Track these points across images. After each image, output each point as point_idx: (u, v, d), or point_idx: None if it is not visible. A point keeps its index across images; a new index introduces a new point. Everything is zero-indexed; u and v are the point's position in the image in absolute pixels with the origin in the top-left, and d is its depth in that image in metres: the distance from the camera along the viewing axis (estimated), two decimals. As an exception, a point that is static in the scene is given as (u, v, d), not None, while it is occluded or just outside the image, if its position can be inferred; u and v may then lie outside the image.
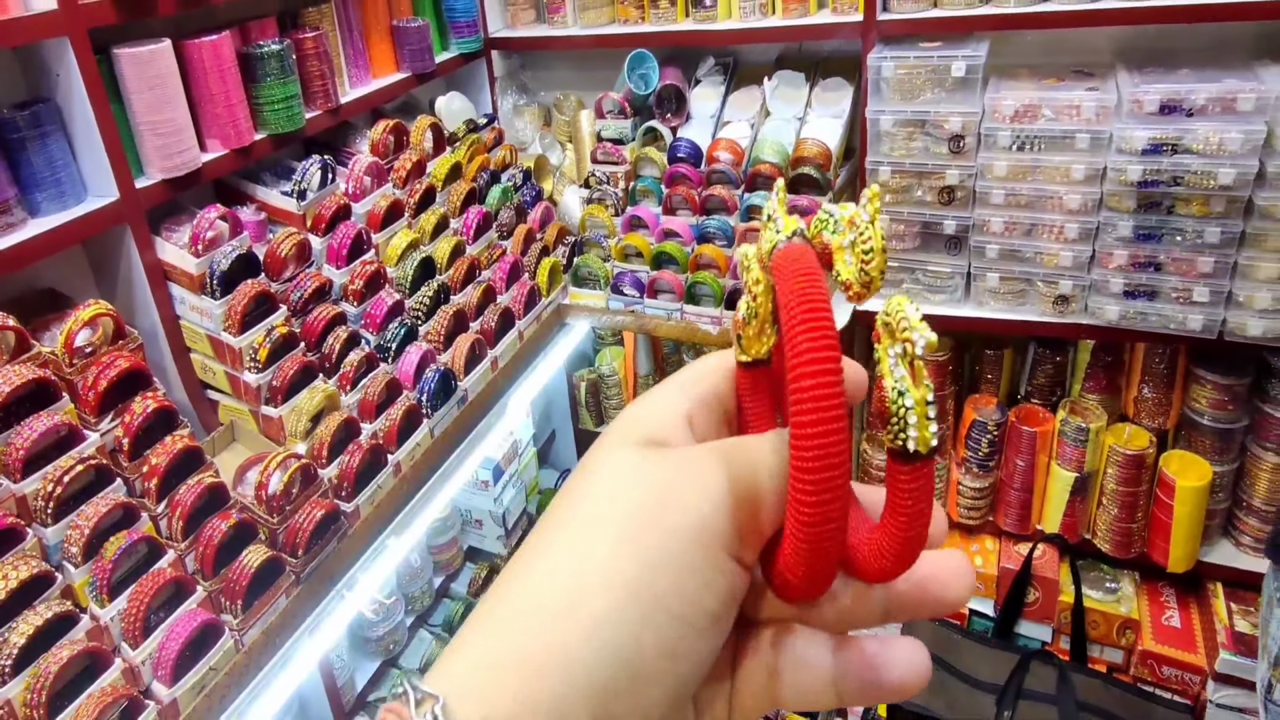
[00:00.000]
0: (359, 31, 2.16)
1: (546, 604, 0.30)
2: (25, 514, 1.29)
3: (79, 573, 1.29)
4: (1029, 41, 2.20)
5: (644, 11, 2.43)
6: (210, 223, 1.65)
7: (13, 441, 1.28)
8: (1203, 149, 1.74)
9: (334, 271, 1.88)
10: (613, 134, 2.53)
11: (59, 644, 1.22)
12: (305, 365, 1.70)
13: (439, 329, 1.97)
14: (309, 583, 1.55)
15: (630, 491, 0.32)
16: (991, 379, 2.36)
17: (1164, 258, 1.87)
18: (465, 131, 2.42)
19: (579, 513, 0.33)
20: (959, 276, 2.13)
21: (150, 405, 1.43)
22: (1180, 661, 2.12)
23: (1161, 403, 2.13)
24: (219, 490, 1.47)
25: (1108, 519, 2.17)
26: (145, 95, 1.58)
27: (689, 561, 0.31)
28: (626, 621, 0.29)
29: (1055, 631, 2.31)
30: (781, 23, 2.24)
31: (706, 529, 0.31)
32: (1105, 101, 1.84)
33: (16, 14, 1.38)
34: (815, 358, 0.28)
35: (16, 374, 1.29)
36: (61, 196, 1.50)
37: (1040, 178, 1.95)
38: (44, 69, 1.49)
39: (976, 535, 2.42)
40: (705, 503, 0.32)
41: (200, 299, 1.64)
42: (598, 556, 0.31)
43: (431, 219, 2.12)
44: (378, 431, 1.76)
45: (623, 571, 0.30)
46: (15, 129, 1.43)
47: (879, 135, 2.09)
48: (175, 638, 1.31)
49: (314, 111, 1.96)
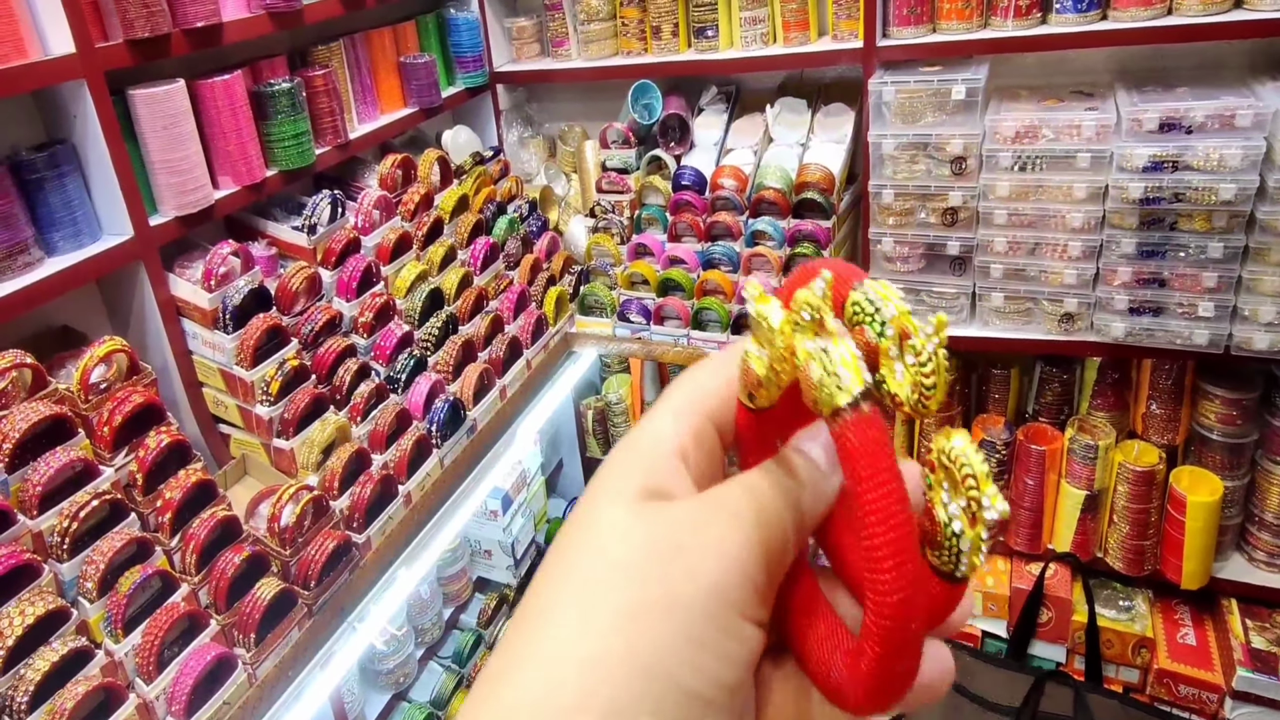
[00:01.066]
0: (367, 68, 2.21)
1: (554, 695, 0.28)
2: (41, 550, 1.30)
3: (94, 608, 1.30)
4: (1028, 63, 2.23)
5: (646, 43, 2.47)
6: (223, 259, 1.67)
7: (29, 478, 1.29)
8: (1203, 165, 1.75)
9: (344, 304, 1.90)
10: (617, 163, 2.56)
11: (74, 680, 1.22)
12: (316, 397, 1.71)
13: (448, 359, 1.99)
14: (321, 615, 1.56)
15: (632, 558, 0.30)
16: (998, 398, 2.36)
17: (1168, 274, 1.88)
18: (472, 164, 2.45)
19: (578, 582, 0.30)
20: (964, 297, 2.14)
21: (164, 440, 1.44)
22: (1197, 680, 2.09)
23: (1170, 419, 2.12)
24: (232, 524, 1.48)
25: (1119, 536, 2.16)
26: (160, 135, 1.61)
27: (703, 635, 0.29)
28: (640, 709, 0.27)
29: (1069, 652, 2.29)
30: (783, 51, 2.28)
31: (720, 596, 0.29)
32: (1105, 121, 1.86)
33: (36, 58, 1.41)
34: (900, 598, 0.27)
35: (34, 411, 1.31)
36: (77, 235, 1.53)
37: (1043, 197, 1.96)
38: (62, 111, 1.53)
39: (987, 555, 2.41)
40: (716, 568, 0.29)
41: (213, 334, 1.66)
42: (602, 635, 0.28)
43: (439, 250, 2.14)
44: (388, 462, 1.77)
45: (633, 653, 0.28)
46: (34, 170, 1.46)
47: (881, 159, 2.11)
48: (189, 672, 1.31)
49: (324, 147, 1.99)
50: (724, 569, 0.29)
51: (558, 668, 0.28)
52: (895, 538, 0.27)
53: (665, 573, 0.29)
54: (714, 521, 0.30)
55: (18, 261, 1.43)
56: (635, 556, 0.30)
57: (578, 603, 0.30)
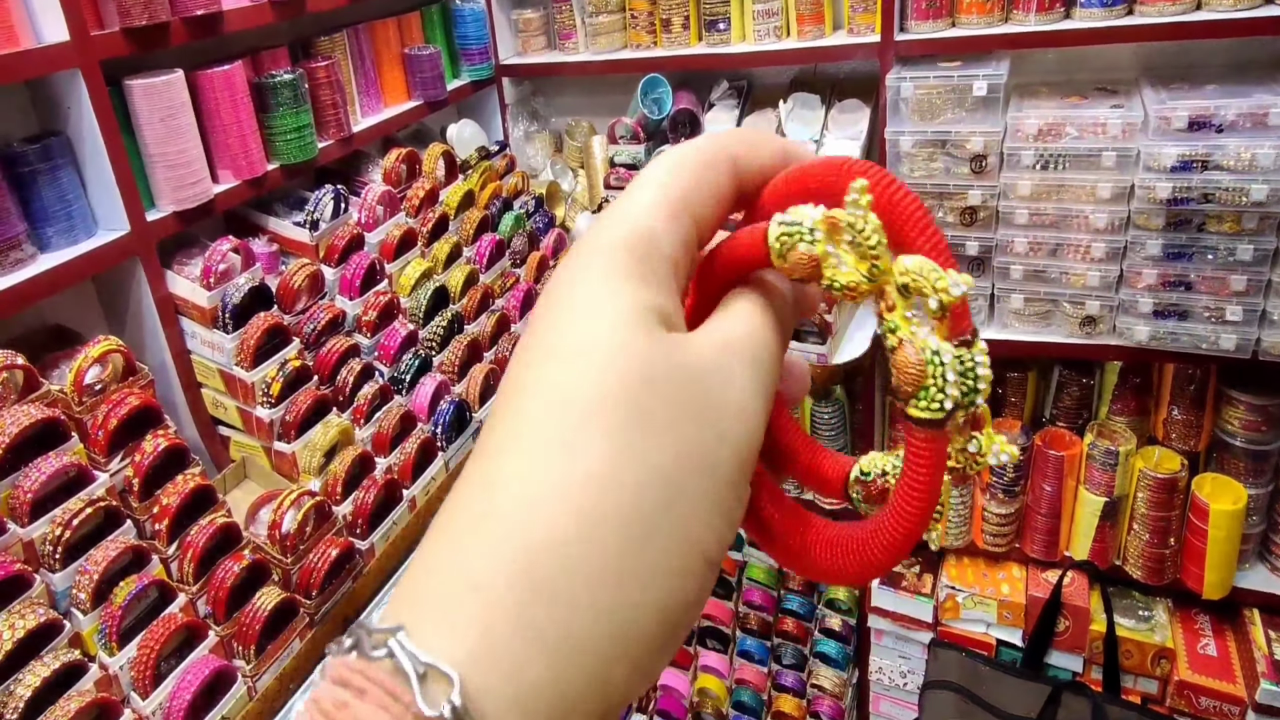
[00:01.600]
0: (371, 60, 2.15)
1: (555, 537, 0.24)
2: (33, 559, 1.25)
3: (87, 620, 1.25)
4: (1048, 59, 2.17)
5: (656, 36, 2.41)
6: (222, 255, 1.62)
7: (20, 484, 1.24)
8: (1234, 165, 1.70)
9: (347, 303, 1.84)
10: (626, 159, 2.50)
11: (67, 695, 1.17)
12: (318, 399, 1.66)
13: (453, 359, 1.94)
14: (323, 625, 1.51)
15: (664, 408, 0.26)
16: (1015, 402, 2.31)
17: (1195, 276, 1.83)
18: (477, 159, 2.40)
19: (580, 402, 0.26)
20: (982, 298, 2.09)
21: (161, 444, 1.39)
22: (1219, 692, 2.05)
23: (1192, 425, 2.07)
24: (231, 530, 1.43)
25: (1139, 544, 2.11)
26: (157, 126, 1.56)
27: (726, 501, 0.27)
28: (670, 575, 0.25)
29: (1086, 661, 2.24)
30: (796, 45, 2.22)
31: (743, 462, 0.27)
32: (1131, 118, 1.81)
33: (29, 46, 1.36)
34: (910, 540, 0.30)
35: (25, 414, 1.26)
36: (72, 230, 1.47)
37: (1065, 197, 1.91)
38: (55, 102, 1.47)
39: (1002, 563, 2.36)
40: (744, 431, 0.27)
41: (212, 333, 1.61)
42: (637, 489, 0.25)
43: (445, 248, 2.09)
44: (392, 466, 1.72)
45: (669, 516, 0.25)
46: (26, 162, 1.41)
47: (898, 156, 2.06)
48: (187, 686, 1.27)
49: (326, 141, 1.94)
50: (750, 431, 0.28)
51: (558, 507, 0.24)
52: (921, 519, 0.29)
53: (700, 434, 0.27)
54: (738, 375, 0.28)
55: (9, 258, 1.37)
56: (668, 408, 0.26)
57: (605, 437, 0.25)
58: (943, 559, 2.43)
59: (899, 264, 0.27)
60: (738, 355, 0.28)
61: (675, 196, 0.30)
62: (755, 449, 0.28)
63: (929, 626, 2.40)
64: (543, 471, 0.25)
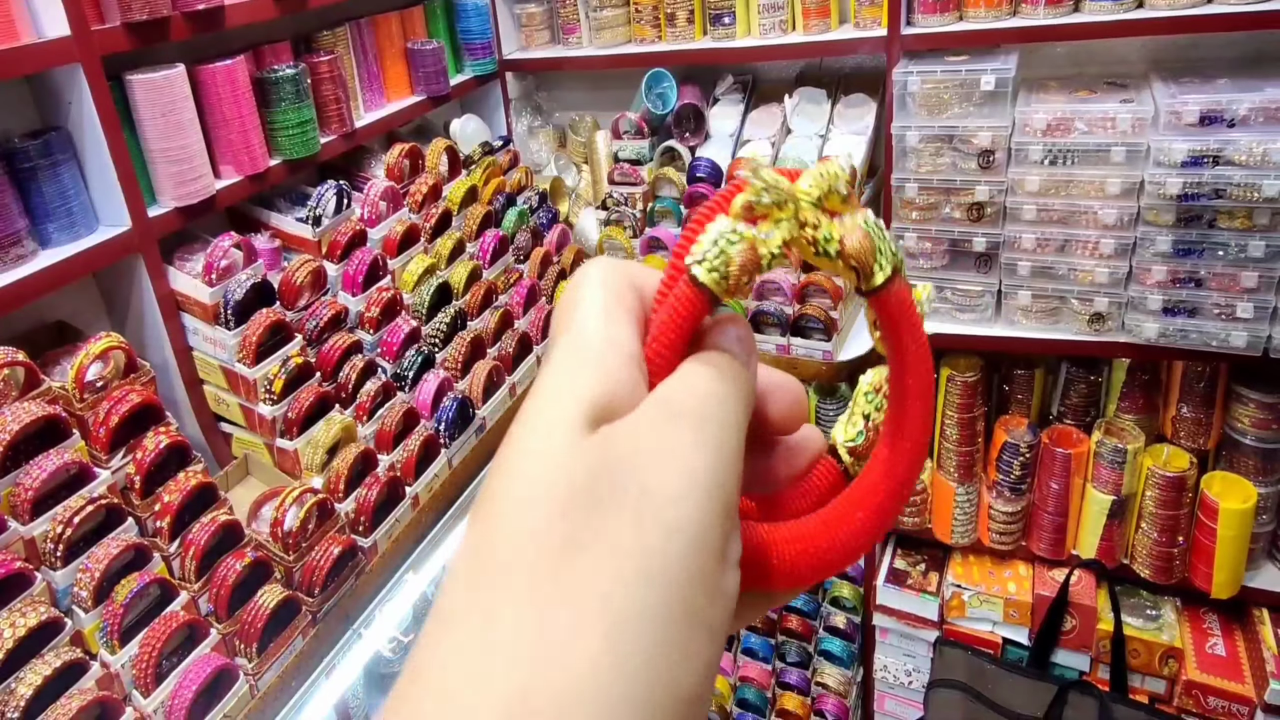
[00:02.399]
0: (373, 54, 2.14)
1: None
2: (34, 557, 1.24)
3: (89, 618, 1.24)
4: (1056, 53, 2.15)
5: (660, 30, 2.40)
6: (224, 251, 1.61)
7: (21, 481, 1.23)
8: (1246, 160, 1.68)
9: (349, 299, 1.83)
10: (630, 154, 2.49)
11: (68, 694, 1.17)
12: (321, 396, 1.65)
13: (456, 356, 1.93)
14: (325, 623, 1.50)
15: (578, 523, 0.22)
16: (1022, 399, 2.29)
17: (1205, 273, 1.81)
18: (481, 154, 2.39)
19: (510, 565, 0.22)
20: (989, 295, 2.07)
21: (163, 441, 1.38)
22: (1227, 692, 2.03)
23: (1201, 423, 2.05)
24: (233, 528, 1.42)
25: (1147, 543, 2.09)
26: (158, 122, 1.55)
27: (693, 607, 0.22)
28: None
29: (1093, 660, 2.23)
30: (802, 39, 2.20)
31: (704, 544, 0.22)
32: (1141, 113, 1.79)
33: (29, 41, 1.35)
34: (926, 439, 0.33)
35: (26, 411, 1.25)
36: (73, 226, 1.46)
37: (1074, 192, 1.89)
38: (56, 97, 1.46)
39: (1009, 560, 2.35)
40: (695, 506, 0.23)
41: (214, 329, 1.60)
42: (559, 648, 0.21)
43: (448, 243, 2.08)
44: (395, 463, 1.71)
45: (609, 664, 0.21)
46: (27, 158, 1.40)
47: (905, 151, 2.04)
48: (188, 685, 1.26)
49: (329, 136, 1.93)
50: (704, 500, 0.23)
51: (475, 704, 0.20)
52: (931, 383, 0.33)
53: (640, 537, 0.22)
54: (681, 442, 0.24)
55: (10, 254, 1.37)
56: (596, 518, 0.22)
57: (509, 594, 0.21)
58: (949, 557, 2.42)
59: (799, 188, 0.29)
60: (677, 418, 0.25)
61: (628, 304, 0.29)
62: (722, 511, 0.24)
63: (934, 625, 2.39)
64: (460, 657, 0.21)
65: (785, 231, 0.28)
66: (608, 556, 0.22)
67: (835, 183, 0.29)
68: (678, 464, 0.23)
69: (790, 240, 0.29)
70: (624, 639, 0.21)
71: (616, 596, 0.21)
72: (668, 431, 0.24)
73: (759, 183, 0.28)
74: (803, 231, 0.29)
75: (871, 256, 0.30)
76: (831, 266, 0.30)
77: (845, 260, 0.29)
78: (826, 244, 0.29)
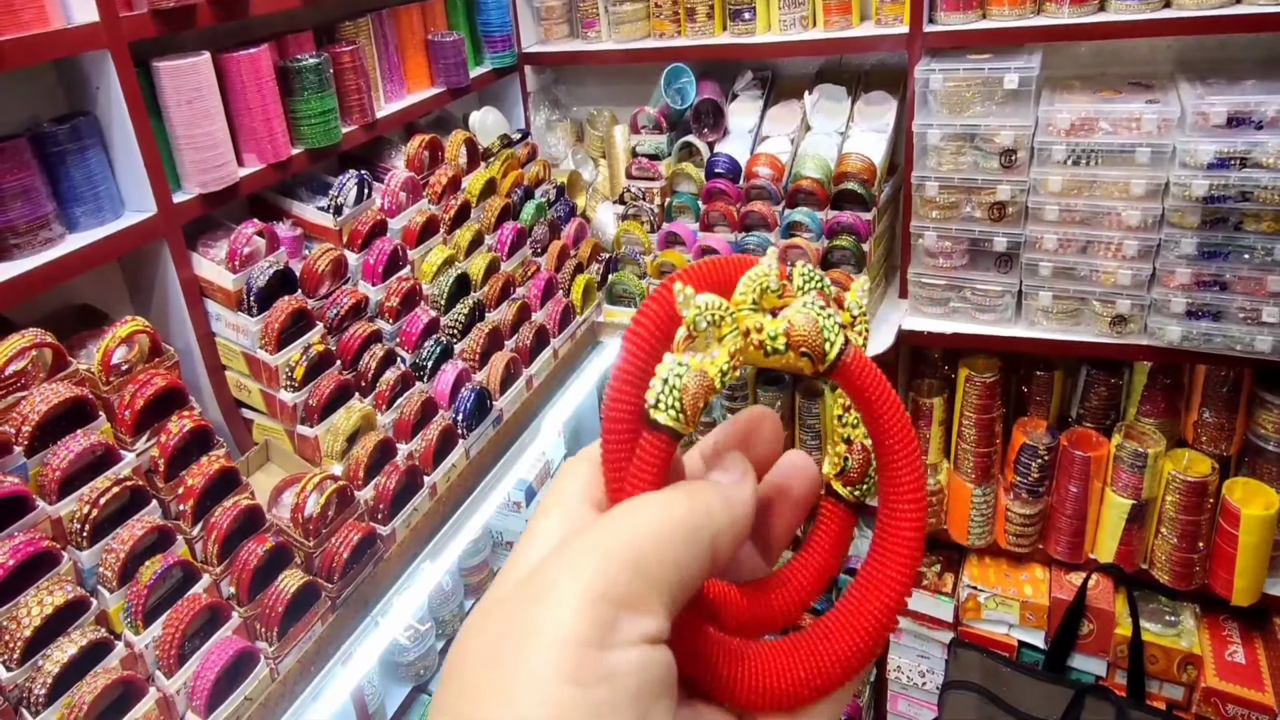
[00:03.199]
0: (394, 46, 2.14)
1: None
2: (60, 536, 1.25)
3: (114, 598, 1.25)
4: (1081, 53, 2.14)
5: (680, 25, 2.39)
6: (247, 238, 1.62)
7: (49, 461, 1.24)
8: (1274, 162, 1.67)
9: (370, 288, 1.84)
10: (648, 149, 2.49)
11: (93, 672, 1.17)
12: (341, 384, 1.66)
13: (474, 347, 1.93)
14: (344, 609, 1.50)
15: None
16: (1041, 401, 2.27)
17: (1230, 276, 1.79)
18: (499, 147, 2.39)
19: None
20: (1009, 295, 2.06)
21: (187, 425, 1.39)
22: (1247, 700, 2.01)
23: (1224, 427, 2.04)
24: (255, 512, 1.43)
25: (1167, 549, 2.08)
26: (184, 109, 1.55)
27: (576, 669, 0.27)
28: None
29: (1111, 666, 2.21)
30: (823, 35, 2.20)
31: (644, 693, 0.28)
32: (1167, 114, 1.78)
33: (58, 26, 1.36)
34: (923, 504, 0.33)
35: (55, 392, 1.26)
36: (99, 211, 1.47)
37: (1097, 193, 1.88)
38: (84, 82, 1.47)
39: (1025, 564, 2.33)
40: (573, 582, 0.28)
41: (237, 315, 1.61)
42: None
43: (467, 235, 2.08)
44: (414, 452, 1.72)
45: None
46: (55, 142, 1.41)
47: (926, 150, 2.03)
48: (210, 666, 1.27)
49: (350, 126, 1.93)
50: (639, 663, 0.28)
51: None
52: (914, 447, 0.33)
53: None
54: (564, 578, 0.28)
55: (39, 237, 1.37)
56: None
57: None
58: (964, 558, 2.41)
59: (735, 299, 0.31)
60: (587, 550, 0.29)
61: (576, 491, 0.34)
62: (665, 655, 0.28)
63: (949, 626, 2.38)
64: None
65: (731, 344, 0.30)
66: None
67: (766, 282, 0.31)
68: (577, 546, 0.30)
69: (736, 351, 0.30)
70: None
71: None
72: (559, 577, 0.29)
73: (692, 310, 0.30)
74: (748, 339, 0.30)
75: (820, 335, 0.31)
76: (785, 362, 0.31)
77: (795, 349, 0.31)
78: (774, 341, 0.31)
